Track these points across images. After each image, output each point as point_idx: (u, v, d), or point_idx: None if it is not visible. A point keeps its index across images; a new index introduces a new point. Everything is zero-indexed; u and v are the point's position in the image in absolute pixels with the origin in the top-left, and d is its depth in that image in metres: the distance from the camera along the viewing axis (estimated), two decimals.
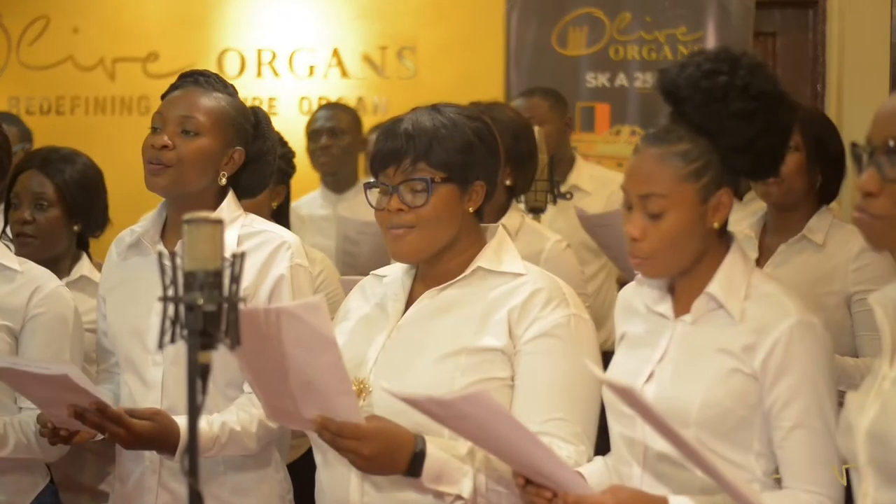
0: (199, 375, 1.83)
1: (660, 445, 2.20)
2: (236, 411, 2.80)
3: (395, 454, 2.34)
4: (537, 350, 2.46)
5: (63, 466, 3.30)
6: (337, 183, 5.50)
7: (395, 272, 2.66)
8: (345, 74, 6.73)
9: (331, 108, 5.85)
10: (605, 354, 2.48)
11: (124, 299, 2.96)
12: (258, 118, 3.00)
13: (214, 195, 2.90)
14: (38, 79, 6.78)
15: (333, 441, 2.34)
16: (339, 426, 2.32)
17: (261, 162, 2.98)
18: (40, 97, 6.79)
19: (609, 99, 6.39)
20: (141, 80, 6.68)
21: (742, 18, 6.23)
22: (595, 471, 2.37)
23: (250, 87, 6.65)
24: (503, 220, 3.59)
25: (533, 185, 3.96)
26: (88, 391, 2.62)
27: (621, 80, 6.38)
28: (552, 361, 2.46)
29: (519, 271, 2.54)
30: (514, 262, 2.56)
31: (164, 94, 2.96)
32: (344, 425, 2.32)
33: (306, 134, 5.59)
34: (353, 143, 5.58)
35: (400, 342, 2.54)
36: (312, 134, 5.55)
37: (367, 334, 2.58)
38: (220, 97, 2.91)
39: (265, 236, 2.88)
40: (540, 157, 3.94)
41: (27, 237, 3.49)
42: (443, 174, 2.50)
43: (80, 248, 3.64)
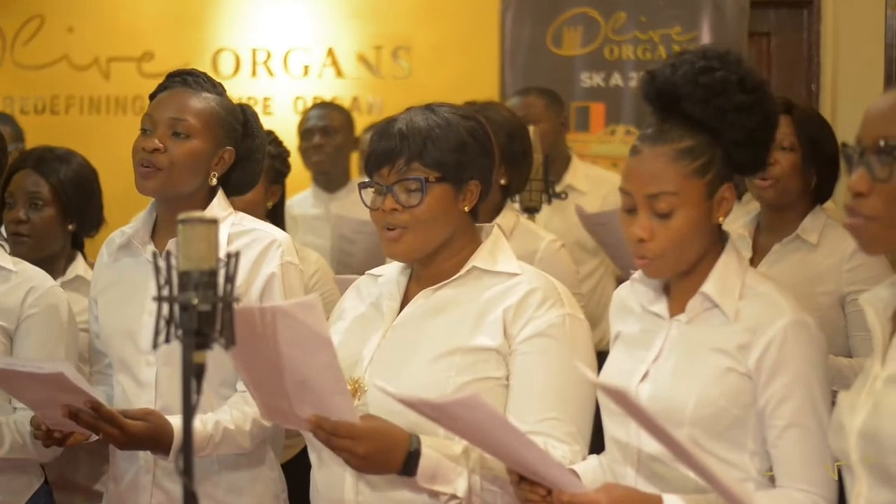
0: (194, 375, 1.82)
1: (653, 446, 2.20)
2: (230, 410, 2.80)
3: (389, 453, 2.35)
4: (532, 350, 2.46)
5: (57, 466, 3.29)
6: (329, 182, 5.48)
7: (390, 272, 2.66)
8: (340, 74, 6.73)
9: (323, 107, 5.83)
10: (600, 354, 2.48)
11: (116, 300, 2.95)
12: (247, 116, 3.00)
13: (205, 195, 2.90)
14: (33, 78, 6.78)
15: (328, 440, 2.34)
16: (333, 425, 2.32)
17: (250, 160, 2.99)
18: (35, 97, 6.78)
19: (604, 99, 6.40)
20: (136, 80, 6.67)
21: (737, 18, 6.23)
22: (589, 469, 2.37)
23: (245, 87, 6.66)
24: (498, 220, 3.59)
25: (528, 184, 3.97)
26: (83, 389, 2.61)
27: (616, 79, 6.39)
28: (547, 361, 2.46)
29: (514, 271, 2.54)
30: (510, 261, 2.56)
31: (153, 95, 2.96)
32: (339, 424, 2.32)
33: (298, 133, 5.57)
34: (346, 142, 5.57)
35: (395, 342, 2.53)
36: (305, 133, 5.53)
37: (362, 334, 2.58)
38: (209, 97, 2.91)
39: (255, 235, 2.88)
40: (535, 156, 3.94)
41: (22, 237, 3.48)
42: (437, 174, 2.50)
43: (74, 247, 3.63)
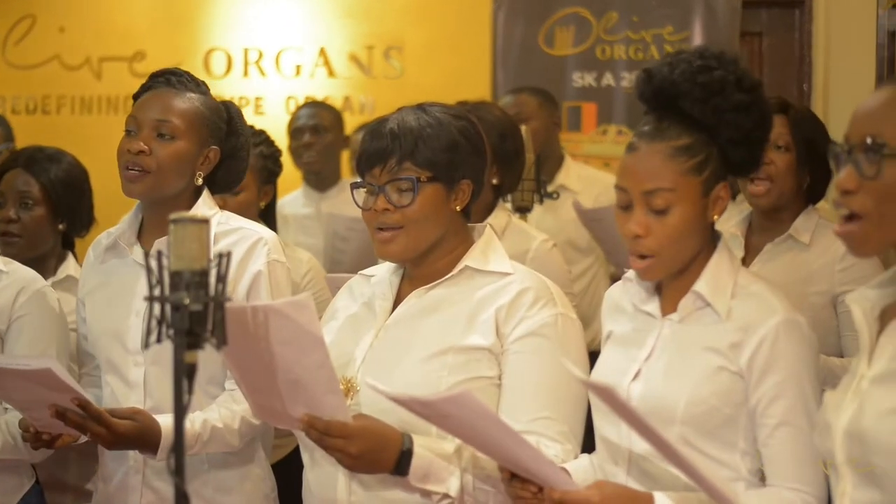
0: (185, 375, 1.82)
1: (644, 445, 2.19)
2: (218, 408, 2.80)
3: (382, 453, 2.34)
4: (524, 349, 2.46)
5: (48, 466, 3.28)
6: (320, 181, 5.46)
7: (382, 272, 2.66)
8: (331, 74, 6.72)
9: (313, 106, 5.81)
10: (593, 354, 2.48)
11: (103, 301, 2.95)
12: (231, 114, 3.00)
13: (191, 195, 2.90)
14: (25, 78, 6.76)
15: (320, 440, 2.34)
16: (326, 425, 2.32)
17: (235, 158, 2.99)
18: (26, 96, 6.76)
19: (596, 98, 6.40)
20: (127, 80, 6.65)
21: (729, 18, 6.24)
22: (580, 468, 2.38)
23: (237, 87, 6.64)
24: (489, 220, 3.59)
25: (519, 184, 3.96)
26: (70, 386, 2.61)
27: (608, 79, 6.39)
28: (539, 361, 2.46)
29: (506, 270, 2.54)
30: (502, 261, 2.56)
31: (136, 95, 2.96)
32: (331, 424, 2.31)
33: (288, 132, 5.54)
34: (336, 141, 5.55)
35: (387, 341, 2.53)
36: (295, 132, 5.50)
37: (354, 333, 2.58)
38: (193, 97, 2.91)
39: (241, 233, 2.88)
40: (527, 156, 3.94)
41: (12, 236, 3.48)
42: (429, 173, 2.50)
43: (65, 247, 3.63)
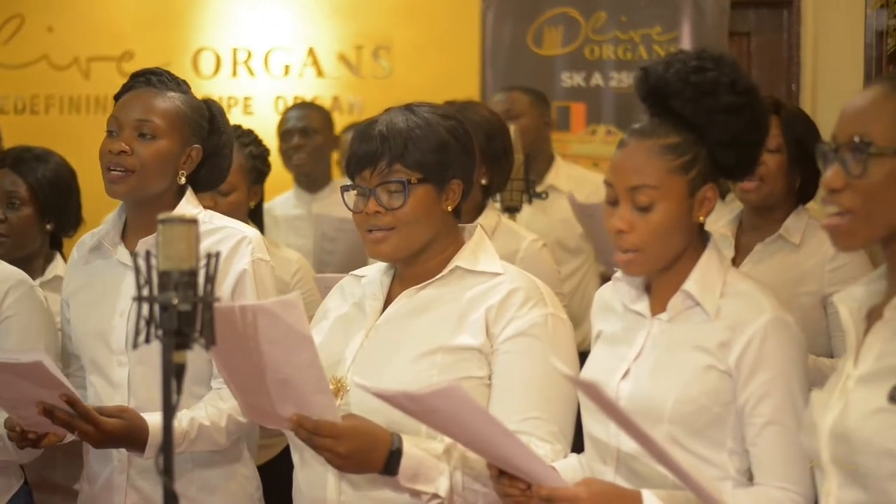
0: (174, 375, 1.82)
1: (632, 444, 2.19)
2: (205, 406, 2.79)
3: (371, 452, 2.34)
4: (514, 349, 2.46)
5: (36, 467, 3.27)
6: (310, 183, 5.45)
7: (373, 272, 2.66)
8: (320, 74, 6.71)
9: (302, 107, 5.80)
10: (583, 354, 2.48)
11: (87, 302, 2.95)
12: (213, 113, 2.99)
13: (174, 194, 2.90)
14: (12, 78, 6.74)
15: (310, 439, 2.34)
16: (315, 424, 2.31)
17: (218, 156, 2.99)
18: (14, 96, 6.74)
19: (584, 98, 6.41)
20: (116, 80, 6.52)
21: (717, 18, 6.25)
22: (569, 467, 2.38)
23: (225, 87, 6.63)
24: (479, 220, 3.58)
25: (508, 184, 3.96)
26: (60, 381, 2.60)
27: (597, 79, 6.40)
28: (529, 361, 2.46)
29: (497, 271, 2.54)
30: (492, 261, 2.56)
31: (118, 95, 2.95)
32: (320, 423, 2.31)
33: (278, 134, 5.53)
34: (326, 143, 5.54)
35: (378, 341, 2.53)
36: (284, 134, 5.50)
37: (344, 333, 2.58)
38: (174, 96, 2.90)
39: (225, 232, 2.87)
40: (515, 156, 3.94)
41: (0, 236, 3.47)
42: (419, 175, 2.50)
43: (53, 247, 3.62)
